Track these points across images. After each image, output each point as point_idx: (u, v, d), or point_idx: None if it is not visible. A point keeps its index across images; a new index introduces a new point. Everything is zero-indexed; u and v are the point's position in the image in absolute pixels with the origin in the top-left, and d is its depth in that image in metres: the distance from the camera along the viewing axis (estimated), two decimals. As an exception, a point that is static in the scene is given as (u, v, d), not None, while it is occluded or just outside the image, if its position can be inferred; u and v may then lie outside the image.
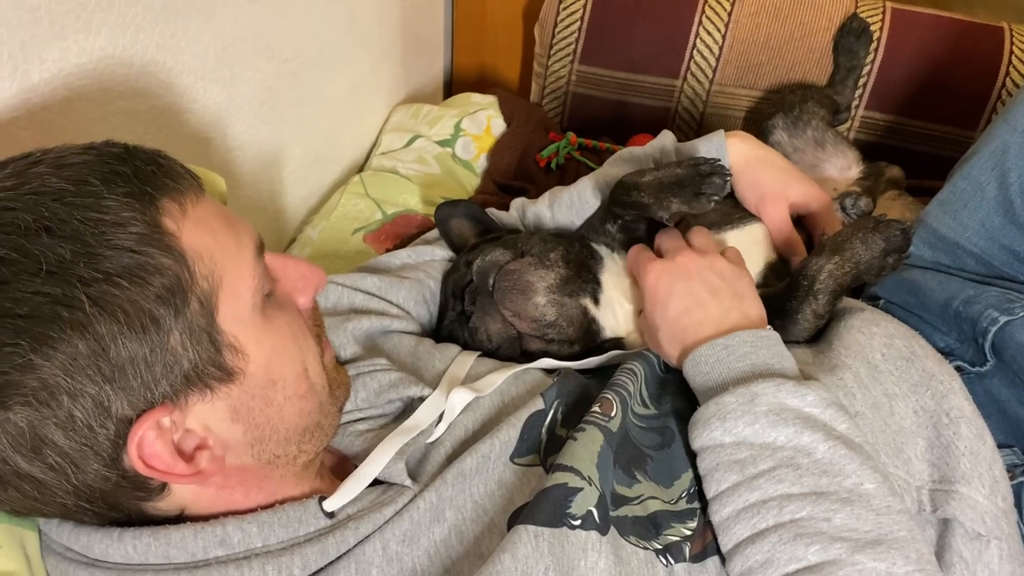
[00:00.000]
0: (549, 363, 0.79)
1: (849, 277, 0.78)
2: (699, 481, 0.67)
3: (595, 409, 0.68)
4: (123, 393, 0.51)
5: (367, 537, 0.60)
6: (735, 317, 0.72)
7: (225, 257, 0.56)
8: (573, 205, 0.96)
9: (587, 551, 0.58)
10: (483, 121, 1.35)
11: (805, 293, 0.78)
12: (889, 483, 0.62)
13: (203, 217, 0.57)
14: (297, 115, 1.14)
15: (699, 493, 0.67)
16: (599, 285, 0.86)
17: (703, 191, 0.80)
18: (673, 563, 0.62)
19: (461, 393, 0.71)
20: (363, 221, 1.15)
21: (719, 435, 0.65)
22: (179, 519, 0.59)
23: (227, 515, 0.59)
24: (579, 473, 0.62)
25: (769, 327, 0.73)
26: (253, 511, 0.59)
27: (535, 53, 1.47)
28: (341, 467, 0.71)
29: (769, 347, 0.69)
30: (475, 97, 1.42)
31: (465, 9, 1.62)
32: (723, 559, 0.64)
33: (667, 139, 0.97)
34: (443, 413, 0.70)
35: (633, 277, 0.84)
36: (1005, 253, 0.84)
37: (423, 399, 0.71)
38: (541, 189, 1.05)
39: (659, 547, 0.63)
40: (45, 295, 0.49)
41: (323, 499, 0.61)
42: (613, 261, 0.88)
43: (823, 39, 1.30)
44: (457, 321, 0.86)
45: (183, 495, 0.58)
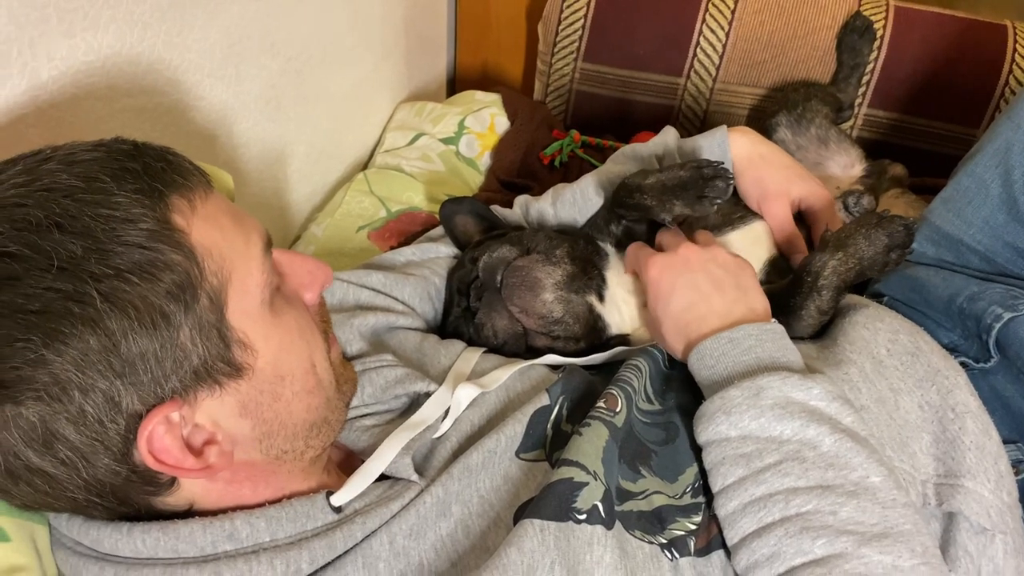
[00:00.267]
0: (554, 359, 0.79)
1: (852, 273, 0.78)
2: (704, 476, 0.68)
3: (600, 405, 0.68)
4: (133, 388, 0.52)
5: (374, 531, 0.60)
6: (740, 310, 0.72)
7: (234, 253, 0.56)
8: (576, 202, 0.96)
9: (592, 545, 0.58)
10: (487, 119, 1.35)
11: (809, 289, 0.78)
12: (894, 476, 0.62)
13: (212, 213, 0.57)
14: (302, 113, 1.14)
15: (704, 488, 0.68)
16: (604, 282, 0.86)
17: (706, 194, 0.80)
18: (678, 557, 0.63)
19: (467, 389, 0.71)
20: (367, 219, 1.15)
21: (724, 429, 0.65)
22: (188, 514, 0.59)
23: (235, 510, 0.59)
24: (584, 468, 0.62)
25: (774, 320, 0.72)
26: (261, 506, 0.60)
27: (538, 51, 1.47)
28: (348, 462, 0.71)
29: (774, 340, 0.69)
30: (479, 95, 1.42)
31: (468, 7, 1.62)
32: (728, 553, 0.64)
33: (670, 136, 0.97)
34: (449, 408, 0.70)
35: (635, 273, 0.84)
36: (1009, 250, 0.84)
37: (429, 395, 0.72)
38: (545, 187, 1.05)
39: (664, 541, 0.63)
40: (57, 291, 0.49)
41: (330, 494, 0.61)
42: (618, 259, 0.88)
43: (826, 37, 1.30)
44: (462, 317, 0.86)
45: (192, 490, 0.58)
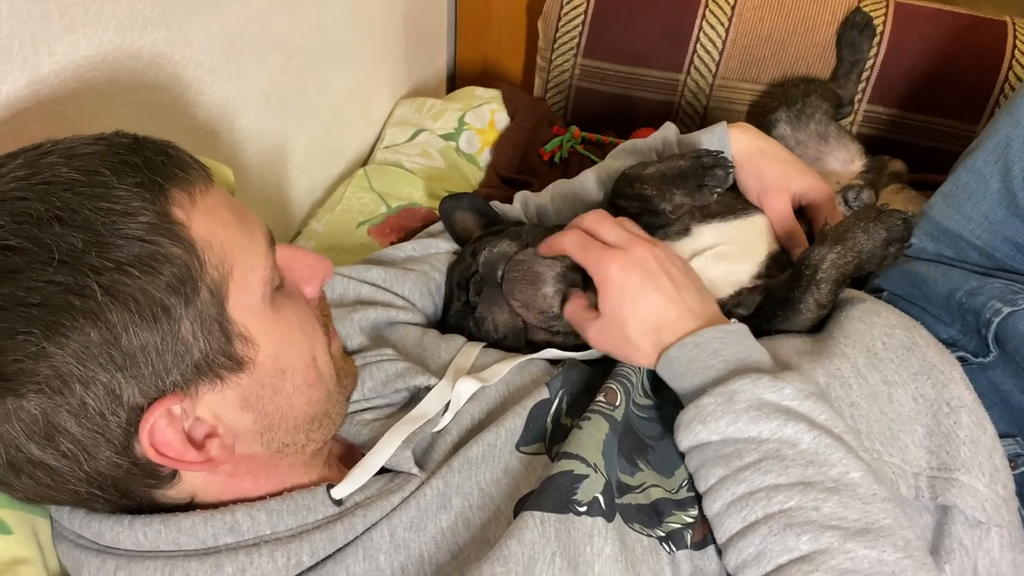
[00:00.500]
0: (554, 354, 0.79)
1: (851, 266, 0.78)
2: None
3: (600, 399, 0.69)
4: (134, 381, 0.52)
5: (375, 524, 0.60)
6: (708, 312, 0.72)
7: (235, 247, 0.57)
8: (576, 198, 0.96)
9: (593, 537, 0.59)
10: (487, 115, 1.36)
11: (808, 283, 0.78)
12: (873, 471, 0.62)
13: (212, 207, 0.57)
14: (302, 109, 1.15)
15: None
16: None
17: (706, 183, 0.80)
18: (675, 550, 0.63)
19: (467, 382, 0.71)
20: (367, 214, 1.16)
21: (704, 436, 0.65)
22: (189, 507, 0.59)
23: (236, 503, 0.59)
24: (584, 460, 0.62)
25: (734, 320, 0.72)
26: (262, 499, 0.60)
27: (538, 47, 1.47)
28: (349, 456, 0.71)
29: (739, 341, 0.69)
30: (479, 91, 1.42)
31: (468, 3, 1.62)
32: None
33: (669, 131, 0.97)
34: (449, 402, 0.70)
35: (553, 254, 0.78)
36: (1008, 245, 0.84)
37: (429, 388, 0.72)
38: (544, 182, 1.06)
39: (662, 534, 0.63)
40: (57, 284, 0.49)
41: (331, 487, 0.61)
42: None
43: (826, 33, 1.30)
44: (462, 312, 0.86)
45: (193, 483, 0.58)
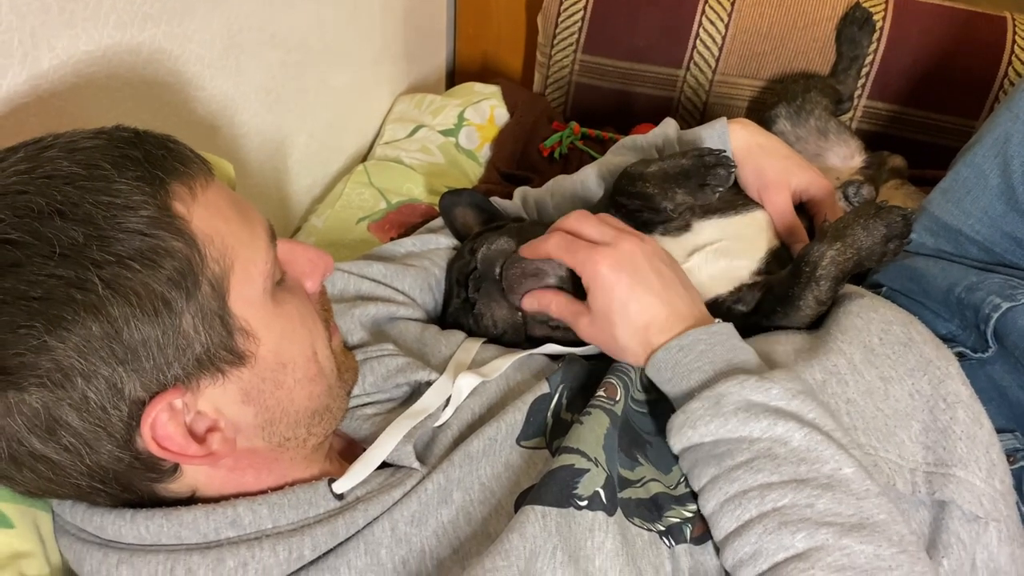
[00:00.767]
0: (554, 349, 0.79)
1: (851, 263, 0.78)
2: None
3: (600, 393, 0.69)
4: (136, 375, 0.52)
5: (376, 518, 0.60)
6: (696, 312, 0.72)
7: (236, 241, 0.57)
8: (576, 194, 0.96)
9: (594, 531, 0.59)
10: (486, 111, 1.36)
11: (807, 279, 0.78)
12: (864, 467, 0.62)
13: (213, 201, 0.57)
14: (302, 104, 1.15)
15: None
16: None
17: (708, 182, 0.80)
18: (675, 544, 0.63)
19: (468, 377, 0.71)
20: (367, 210, 1.16)
21: (696, 439, 0.65)
22: (191, 500, 0.59)
23: (238, 497, 0.59)
24: (585, 455, 0.62)
25: (718, 320, 0.72)
26: (263, 493, 0.60)
27: (538, 43, 1.47)
28: (350, 450, 0.71)
29: (723, 342, 0.69)
30: (478, 87, 1.42)
31: (468, -1, 1.63)
32: None
33: (670, 127, 0.97)
34: (450, 397, 0.70)
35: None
36: (1007, 240, 0.84)
37: (430, 384, 0.72)
38: (544, 178, 1.06)
39: (662, 529, 0.63)
40: (59, 278, 0.49)
41: (332, 481, 0.61)
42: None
43: (826, 28, 1.30)
44: (462, 308, 0.86)
45: (195, 477, 0.59)
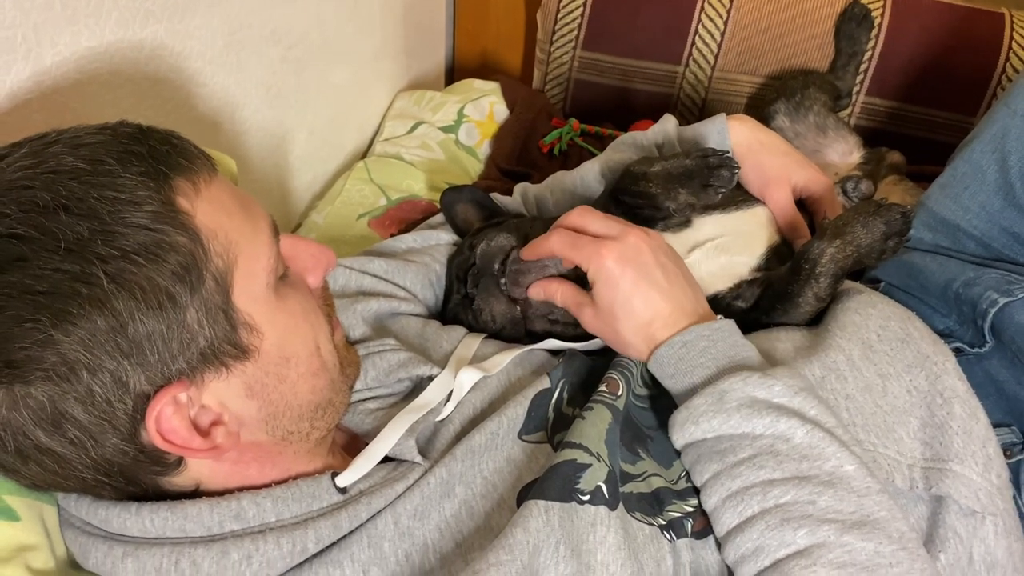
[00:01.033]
0: (555, 344, 0.80)
1: (850, 260, 0.79)
2: None
3: (602, 388, 0.69)
4: (141, 369, 0.52)
5: (379, 512, 0.61)
6: (701, 310, 0.72)
7: (239, 236, 0.57)
8: (576, 190, 0.96)
9: (596, 526, 0.59)
10: (486, 107, 1.36)
11: (807, 276, 0.78)
12: (865, 464, 0.63)
13: (217, 196, 0.57)
14: (302, 101, 1.15)
15: None
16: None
17: (711, 183, 0.80)
18: (676, 538, 0.63)
19: (469, 372, 0.72)
20: (368, 207, 1.16)
21: (698, 435, 0.65)
22: (195, 494, 0.60)
23: (242, 490, 0.60)
24: (587, 450, 0.63)
25: (720, 316, 0.72)
26: (267, 486, 0.60)
27: (537, 39, 1.47)
28: (352, 445, 0.72)
29: (726, 338, 0.69)
30: (478, 83, 1.42)
31: (467, -4, 1.63)
32: None
33: (669, 124, 0.97)
34: (452, 392, 0.71)
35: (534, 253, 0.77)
36: (1005, 235, 0.85)
37: (432, 378, 0.72)
38: (544, 175, 1.06)
39: (663, 523, 0.64)
40: (64, 272, 0.50)
41: (335, 475, 0.62)
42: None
43: (825, 25, 1.30)
44: (462, 304, 0.86)
45: (199, 470, 0.59)
